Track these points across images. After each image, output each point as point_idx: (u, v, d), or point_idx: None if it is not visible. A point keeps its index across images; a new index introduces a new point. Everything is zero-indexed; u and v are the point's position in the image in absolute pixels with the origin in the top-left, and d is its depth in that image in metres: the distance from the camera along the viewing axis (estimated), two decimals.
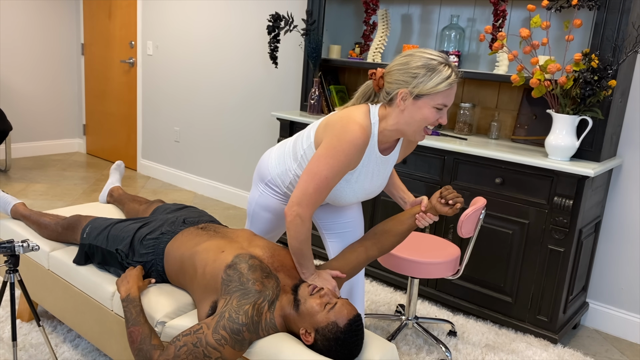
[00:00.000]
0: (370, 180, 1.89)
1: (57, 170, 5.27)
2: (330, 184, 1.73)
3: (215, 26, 4.52)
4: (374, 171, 1.87)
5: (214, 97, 4.65)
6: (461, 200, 1.84)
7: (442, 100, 1.68)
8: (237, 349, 1.57)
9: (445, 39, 3.17)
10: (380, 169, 1.88)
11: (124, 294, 1.80)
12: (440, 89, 1.65)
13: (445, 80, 1.65)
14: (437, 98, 1.67)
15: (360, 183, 1.87)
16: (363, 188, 1.89)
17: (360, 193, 1.90)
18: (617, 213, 2.86)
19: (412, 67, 1.66)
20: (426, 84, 1.65)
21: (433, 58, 1.66)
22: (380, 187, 1.95)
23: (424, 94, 1.67)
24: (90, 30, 5.72)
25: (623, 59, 2.47)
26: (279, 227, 2.15)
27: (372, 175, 1.87)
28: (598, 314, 2.97)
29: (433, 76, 1.65)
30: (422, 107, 1.68)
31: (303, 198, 1.73)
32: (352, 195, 1.89)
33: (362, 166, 1.83)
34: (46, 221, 2.35)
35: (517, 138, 3.03)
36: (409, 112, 1.71)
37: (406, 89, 1.68)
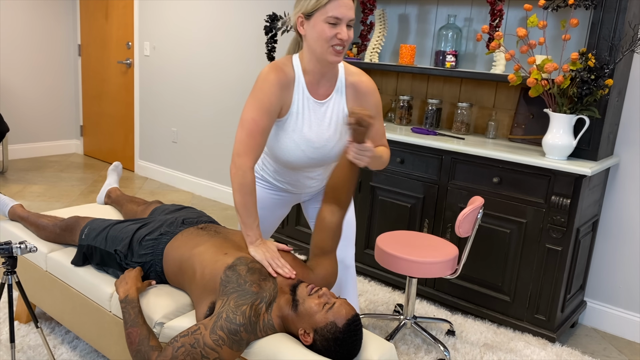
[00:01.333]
0: (309, 128, 1.86)
1: (55, 172, 5.26)
2: (260, 125, 1.75)
3: (212, 27, 4.52)
4: (311, 118, 1.85)
5: (211, 98, 4.65)
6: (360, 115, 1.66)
7: (332, 12, 1.69)
8: (235, 350, 1.57)
9: (442, 39, 3.17)
10: (319, 115, 1.86)
11: (123, 294, 1.80)
12: (324, 1, 1.68)
13: None
14: (326, 11, 1.69)
15: (299, 132, 1.85)
16: (304, 137, 1.85)
17: (304, 144, 1.86)
18: (615, 212, 2.87)
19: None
20: (310, 0, 1.70)
21: None
22: (331, 140, 1.88)
23: (312, 11, 1.70)
24: (87, 31, 5.71)
25: (619, 58, 2.48)
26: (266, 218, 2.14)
27: (309, 121, 1.85)
28: (596, 313, 2.98)
29: None
30: (315, 24, 1.71)
31: (239, 147, 1.77)
32: (294, 146, 1.85)
33: (296, 111, 1.84)
34: (44, 222, 2.34)
35: (514, 137, 3.03)
36: (309, 35, 1.75)
37: (299, 13, 1.74)
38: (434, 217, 2.94)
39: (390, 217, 3.10)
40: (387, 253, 2.40)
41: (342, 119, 1.90)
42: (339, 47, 1.74)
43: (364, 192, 3.19)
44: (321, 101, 1.87)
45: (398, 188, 3.05)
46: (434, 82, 3.39)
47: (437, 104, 3.25)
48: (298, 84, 1.83)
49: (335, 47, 1.73)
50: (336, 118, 1.89)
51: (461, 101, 3.28)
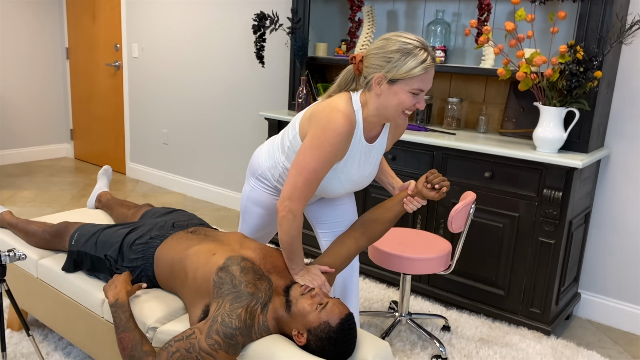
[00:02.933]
0: (357, 169, 1.87)
1: (45, 176, 5.22)
2: (319, 176, 1.72)
3: (201, 27, 4.49)
4: (360, 159, 1.85)
5: (202, 99, 4.62)
6: (447, 184, 1.82)
7: (418, 85, 1.65)
8: (231, 354, 1.56)
9: (431, 34, 3.16)
10: (367, 157, 1.87)
11: (112, 299, 1.78)
12: (415, 73, 1.63)
13: (420, 65, 1.62)
14: (413, 83, 1.65)
15: (347, 173, 1.85)
16: (350, 178, 1.87)
17: (347, 183, 1.88)
18: (606, 203, 2.88)
19: (387, 51, 1.64)
20: (400, 68, 1.63)
21: (409, 42, 1.63)
22: (369, 176, 1.93)
23: (398, 79, 1.65)
24: (74, 34, 5.67)
25: (608, 49, 2.48)
26: (271, 223, 2.14)
27: (358, 163, 1.86)
28: (590, 304, 2.98)
29: (407, 60, 1.62)
30: (397, 92, 1.67)
31: (294, 192, 1.72)
32: (338, 185, 1.86)
33: (349, 155, 1.81)
34: (33, 229, 2.32)
35: (505, 131, 3.03)
36: (385, 96, 1.69)
37: (381, 73, 1.66)
38: (427, 213, 2.94)
39: None
40: (381, 251, 2.39)
41: (381, 154, 1.93)
42: (410, 112, 1.74)
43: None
44: (371, 144, 1.87)
45: None
46: None
47: (427, 99, 3.24)
48: (357, 131, 1.79)
49: (407, 112, 1.73)
50: (377, 154, 1.91)
51: (451, 96, 3.27)
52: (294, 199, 1.73)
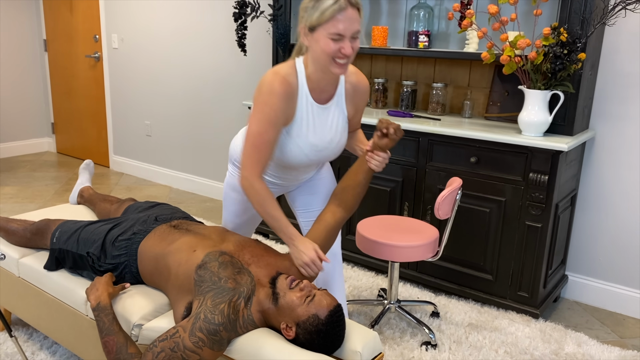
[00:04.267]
0: (314, 133, 1.86)
1: (27, 172, 5.14)
2: (264, 139, 1.74)
3: (181, 16, 4.41)
4: (315, 122, 1.85)
5: (184, 89, 4.56)
6: (395, 125, 1.76)
7: (334, 28, 1.66)
8: (216, 350, 1.54)
9: (414, 19, 3.13)
10: (322, 120, 1.87)
11: (94, 302, 1.74)
12: (326, 16, 1.64)
13: (329, 8, 1.65)
14: (328, 27, 1.66)
15: (303, 137, 1.85)
16: (309, 142, 1.86)
17: (308, 149, 1.87)
18: (592, 185, 2.88)
19: (305, 3, 1.70)
20: (312, 15, 1.67)
21: None
22: (333, 142, 1.91)
23: (315, 25, 1.68)
24: (51, 25, 5.55)
25: (591, 31, 2.47)
26: (249, 208, 2.13)
27: (314, 126, 1.85)
28: (577, 286, 3.00)
29: (318, 6, 1.66)
30: (318, 39, 1.69)
31: (246, 161, 1.77)
32: (298, 151, 1.86)
33: (300, 118, 1.83)
34: (14, 227, 2.27)
35: (490, 116, 3.02)
36: (312, 47, 1.73)
37: (302, 24, 1.72)
38: (413, 200, 2.93)
39: (370, 201, 3.08)
40: (368, 239, 2.38)
41: (343, 119, 1.92)
42: (342, 60, 1.72)
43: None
44: (324, 105, 1.87)
45: (376, 172, 3.02)
46: (407, 64, 3.36)
47: (412, 85, 3.22)
48: (302, 91, 1.81)
49: (339, 61, 1.71)
50: (337, 120, 1.90)
51: (436, 81, 3.25)
52: (247, 167, 1.76)
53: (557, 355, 2.43)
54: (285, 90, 1.74)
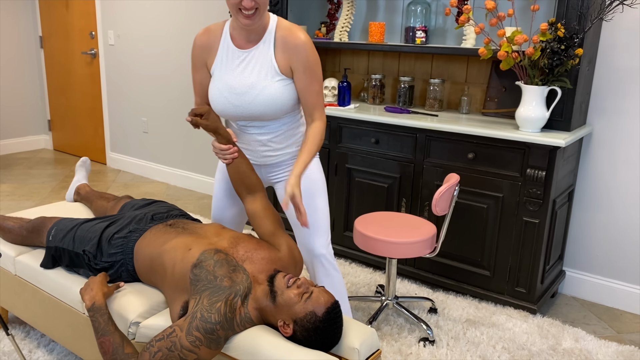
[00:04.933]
0: (232, 75, 1.93)
1: (24, 169, 5.12)
2: (194, 80, 2.06)
3: (177, 11, 4.39)
4: (234, 64, 1.93)
5: (181, 85, 4.54)
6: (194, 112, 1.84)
7: None
8: (213, 348, 1.54)
9: (411, 15, 3.12)
10: (242, 63, 1.92)
11: (89, 303, 1.73)
12: None
13: None
14: None
15: (222, 79, 1.95)
16: (226, 83, 1.94)
17: (226, 90, 1.93)
18: (589, 181, 2.88)
19: None
20: None
21: None
22: (255, 88, 1.90)
23: None
24: (47, 22, 5.52)
25: (588, 26, 2.46)
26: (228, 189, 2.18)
27: (232, 68, 1.93)
28: (575, 282, 3.01)
29: None
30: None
31: None
32: (218, 93, 1.95)
33: (220, 61, 1.95)
34: (10, 225, 2.26)
35: (487, 112, 3.01)
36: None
37: None
38: (411, 196, 2.92)
39: (368, 198, 3.07)
40: (366, 235, 2.37)
41: (268, 65, 1.91)
42: (247, 12, 1.79)
43: (340, 175, 3.15)
44: (244, 50, 1.93)
45: (374, 169, 3.02)
46: (405, 59, 3.35)
47: (409, 81, 3.21)
48: (224, 38, 1.95)
49: (244, 12, 1.79)
50: (260, 67, 1.92)
51: (433, 77, 3.24)
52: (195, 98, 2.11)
53: (554, 351, 2.43)
54: (202, 39, 1.97)
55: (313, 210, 2.07)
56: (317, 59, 1.91)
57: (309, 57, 1.89)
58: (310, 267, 2.13)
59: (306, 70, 1.90)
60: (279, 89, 1.91)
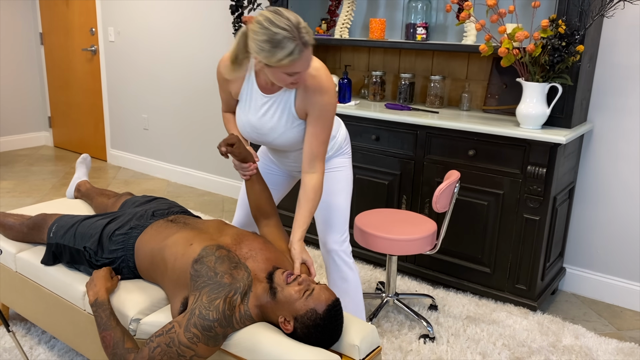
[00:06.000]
0: (254, 115, 1.94)
1: (24, 166, 5.12)
2: (220, 92, 2.06)
3: (178, 8, 4.39)
4: (252, 105, 1.94)
5: (181, 82, 4.54)
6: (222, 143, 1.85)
7: (291, 70, 1.69)
8: (211, 345, 1.54)
9: (412, 11, 3.12)
10: (262, 106, 1.92)
11: (92, 297, 1.74)
12: (284, 64, 1.67)
13: (286, 57, 1.65)
14: (285, 69, 1.69)
15: (244, 114, 1.97)
16: (248, 120, 1.96)
17: (248, 126, 1.97)
18: (590, 178, 2.88)
19: (260, 40, 1.67)
20: (270, 59, 1.66)
21: (277, 32, 1.64)
22: (275, 131, 1.93)
23: (270, 65, 1.70)
24: (47, 18, 5.52)
25: (590, 23, 2.45)
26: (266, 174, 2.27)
27: (254, 109, 1.94)
28: (575, 278, 3.01)
29: (276, 52, 1.65)
30: (274, 72, 1.72)
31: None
32: (241, 124, 2.00)
33: (243, 97, 1.95)
34: (10, 222, 2.26)
35: (488, 108, 3.01)
36: (268, 72, 1.75)
37: (256, 56, 1.71)
38: (411, 193, 2.92)
39: (368, 195, 3.07)
40: (366, 232, 2.37)
41: (288, 114, 1.91)
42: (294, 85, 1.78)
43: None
44: (267, 95, 1.91)
45: (374, 166, 3.01)
46: (405, 56, 3.34)
47: (409, 78, 3.21)
48: (249, 76, 1.92)
49: (292, 80, 1.75)
50: (280, 113, 1.91)
51: (434, 74, 3.24)
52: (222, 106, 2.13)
53: (554, 348, 2.43)
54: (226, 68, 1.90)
55: (327, 207, 2.12)
56: (333, 109, 1.89)
57: (325, 106, 1.88)
58: (325, 263, 2.16)
59: (320, 117, 1.89)
60: (299, 133, 1.95)
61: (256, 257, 1.77)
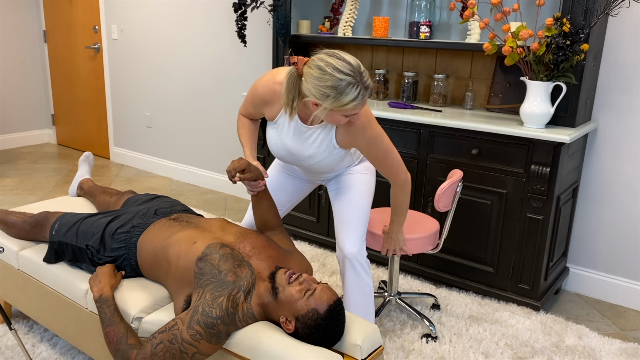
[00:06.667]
0: (291, 140, 1.95)
1: (28, 163, 5.13)
2: (246, 102, 2.06)
3: (181, 6, 4.38)
4: (289, 132, 1.95)
5: (184, 80, 4.53)
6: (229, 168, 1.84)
7: (351, 112, 1.72)
8: (214, 343, 1.54)
9: (415, 9, 3.10)
10: (302, 135, 1.93)
11: (97, 294, 1.75)
12: (348, 108, 1.69)
13: (352, 102, 1.68)
14: (346, 111, 1.72)
15: (282, 139, 1.98)
16: (284, 144, 1.98)
17: (283, 149, 2.00)
18: (594, 177, 2.87)
19: (323, 86, 1.68)
20: (334, 104, 1.69)
21: (342, 78, 1.65)
22: (313, 159, 1.96)
23: (333, 109, 1.71)
24: (51, 16, 5.52)
25: (594, 21, 2.44)
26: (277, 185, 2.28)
27: (287, 134, 1.95)
28: (578, 278, 2.99)
29: (342, 98, 1.67)
30: (333, 114, 1.74)
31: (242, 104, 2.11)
32: (275, 146, 2.02)
33: (280, 122, 1.96)
34: (13, 220, 2.27)
35: (492, 107, 3.00)
36: (322, 112, 1.75)
37: (316, 101, 1.71)
38: (414, 192, 2.91)
39: None
40: (369, 231, 2.37)
41: (328, 144, 1.94)
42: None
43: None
44: (307, 126, 1.92)
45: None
46: (409, 55, 3.33)
47: (413, 76, 3.19)
48: None
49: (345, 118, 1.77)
50: (320, 142, 1.93)
51: (437, 73, 3.23)
52: (241, 107, 2.13)
53: (557, 348, 2.42)
54: (267, 92, 1.93)
55: (346, 203, 2.12)
56: (377, 135, 1.91)
57: (368, 138, 1.91)
58: (341, 267, 2.12)
59: (369, 149, 1.94)
60: (336, 159, 1.99)
61: (259, 255, 1.77)
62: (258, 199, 2.02)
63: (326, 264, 3.17)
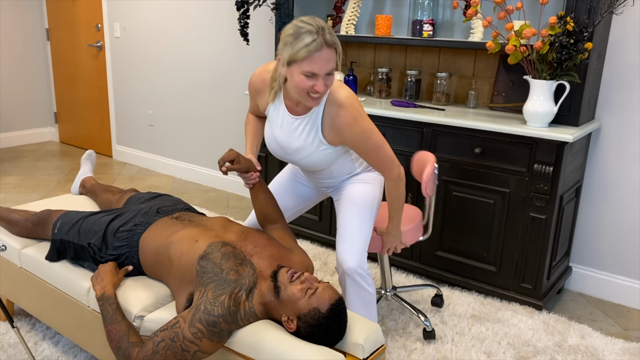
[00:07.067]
0: (280, 132, 1.96)
1: (30, 161, 5.13)
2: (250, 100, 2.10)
3: (184, 4, 4.38)
4: (278, 122, 1.95)
5: (187, 78, 4.53)
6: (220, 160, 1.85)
7: (307, 67, 1.68)
8: (216, 341, 1.53)
9: (418, 8, 3.10)
10: (290, 126, 1.93)
11: (99, 292, 1.76)
12: (300, 55, 1.66)
13: (304, 48, 1.65)
14: (302, 65, 1.68)
15: (273, 131, 1.98)
16: (274, 136, 1.98)
17: (274, 142, 2.00)
18: (597, 176, 2.86)
19: (285, 35, 1.70)
20: (289, 51, 1.68)
21: (302, 25, 1.67)
22: (301, 152, 1.94)
23: (290, 61, 1.70)
24: (54, 14, 5.52)
25: (598, 20, 2.43)
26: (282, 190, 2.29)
27: (280, 126, 1.95)
28: (581, 278, 2.99)
29: (295, 43, 1.66)
30: (293, 73, 1.72)
31: None
32: (268, 139, 2.02)
33: (270, 112, 1.97)
34: (15, 218, 2.27)
35: (495, 106, 2.99)
36: (288, 78, 1.76)
37: (280, 54, 1.73)
38: (417, 190, 2.91)
39: None
40: None
41: (314, 137, 1.92)
42: (316, 95, 1.74)
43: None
44: (294, 116, 1.92)
45: None
46: (412, 53, 3.32)
47: (416, 75, 3.19)
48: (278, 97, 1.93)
49: (312, 95, 1.74)
50: (306, 135, 1.92)
51: (440, 71, 3.22)
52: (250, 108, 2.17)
53: (560, 347, 2.42)
54: (257, 81, 1.97)
55: (345, 216, 2.05)
56: (365, 130, 1.86)
57: (356, 134, 1.87)
58: (340, 280, 2.03)
59: (358, 144, 1.90)
60: (324, 155, 1.96)
61: (261, 253, 1.77)
62: (255, 192, 2.04)
63: (328, 262, 3.17)
